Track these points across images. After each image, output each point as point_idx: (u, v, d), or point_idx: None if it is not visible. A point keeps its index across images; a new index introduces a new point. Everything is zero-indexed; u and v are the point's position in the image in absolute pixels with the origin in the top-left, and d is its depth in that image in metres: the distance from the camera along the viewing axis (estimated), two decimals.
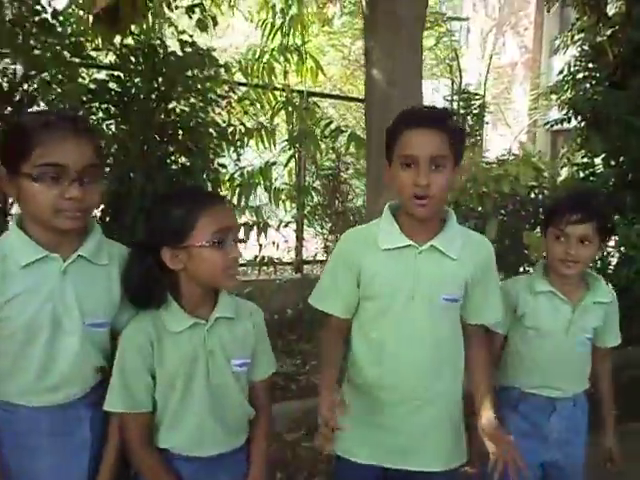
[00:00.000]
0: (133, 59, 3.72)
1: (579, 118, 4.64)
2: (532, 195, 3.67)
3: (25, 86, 3.01)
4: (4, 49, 2.65)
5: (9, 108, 3.28)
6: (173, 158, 3.76)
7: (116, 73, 3.71)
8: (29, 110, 3.07)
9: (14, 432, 1.18)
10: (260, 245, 4.26)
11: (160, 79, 3.66)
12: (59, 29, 2.97)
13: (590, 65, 4.69)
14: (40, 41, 2.71)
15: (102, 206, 3.24)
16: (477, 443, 1.54)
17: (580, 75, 4.79)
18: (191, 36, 3.85)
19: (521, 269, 3.59)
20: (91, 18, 3.86)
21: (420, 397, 1.47)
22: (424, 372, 1.46)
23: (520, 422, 1.78)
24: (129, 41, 3.80)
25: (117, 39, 3.90)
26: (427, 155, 1.35)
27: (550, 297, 1.74)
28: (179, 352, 1.26)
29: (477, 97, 5.65)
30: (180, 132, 3.78)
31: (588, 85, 4.67)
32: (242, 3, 4.82)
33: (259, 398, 1.39)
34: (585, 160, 4.58)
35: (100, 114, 3.68)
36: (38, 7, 2.75)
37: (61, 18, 3.06)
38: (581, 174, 4.55)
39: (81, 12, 4.01)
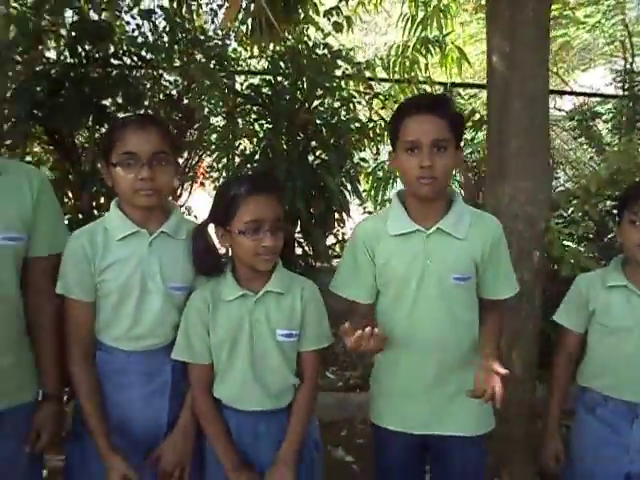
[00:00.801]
0: (282, 64, 4.05)
1: None
2: None
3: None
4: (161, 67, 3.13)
5: (179, 115, 3.85)
6: (314, 154, 4.01)
7: (267, 77, 4.09)
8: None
9: (111, 370, 1.47)
10: None
11: (304, 80, 3.91)
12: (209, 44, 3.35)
13: None
14: (189, 55, 3.11)
15: None
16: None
17: None
18: (332, 35, 4.08)
19: None
20: (247, 30, 4.34)
21: (442, 362, 1.52)
22: (444, 348, 1.51)
23: (599, 428, 1.66)
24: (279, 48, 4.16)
25: (270, 46, 4.32)
26: (429, 139, 1.40)
27: (624, 291, 1.62)
28: (228, 318, 1.44)
29: None
30: (323, 129, 4.03)
31: None
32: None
33: (305, 368, 1.50)
34: None
35: (253, 116, 4.12)
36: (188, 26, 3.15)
37: (210, 33, 3.45)
38: None
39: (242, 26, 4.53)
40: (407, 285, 1.50)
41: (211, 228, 1.51)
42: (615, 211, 1.95)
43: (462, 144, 1.54)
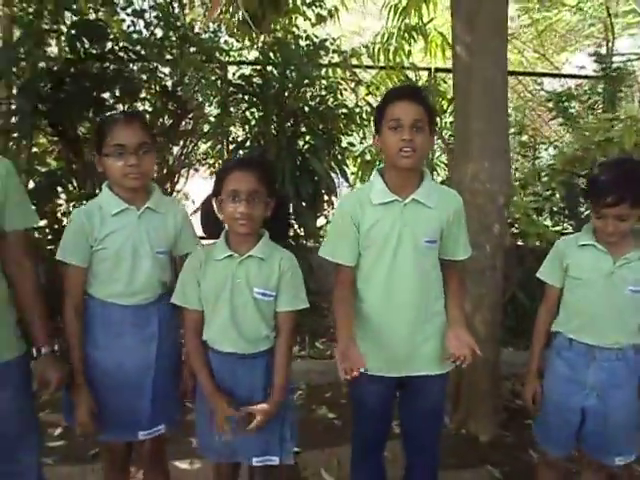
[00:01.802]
0: (271, 54, 4.25)
1: None
2: None
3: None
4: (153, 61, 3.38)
5: (175, 105, 4.09)
6: (303, 139, 4.24)
7: (258, 67, 4.31)
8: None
9: (109, 322, 1.74)
10: None
11: (292, 69, 4.12)
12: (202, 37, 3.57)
13: None
14: (181, 51, 3.35)
15: None
16: None
17: None
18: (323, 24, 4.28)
19: None
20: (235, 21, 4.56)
21: (415, 316, 1.77)
22: (416, 298, 1.77)
23: (562, 367, 1.91)
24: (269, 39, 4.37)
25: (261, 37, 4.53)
26: (410, 119, 1.66)
27: (592, 249, 1.85)
28: (215, 274, 1.72)
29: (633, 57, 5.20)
30: (311, 116, 4.25)
31: None
32: None
33: (280, 325, 1.76)
34: None
35: (244, 104, 4.35)
36: (178, 23, 3.38)
37: (201, 27, 3.68)
38: None
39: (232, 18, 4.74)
40: (387, 246, 1.75)
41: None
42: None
43: (436, 130, 1.84)
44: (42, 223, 3.51)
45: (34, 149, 3.86)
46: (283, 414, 1.78)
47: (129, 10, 3.28)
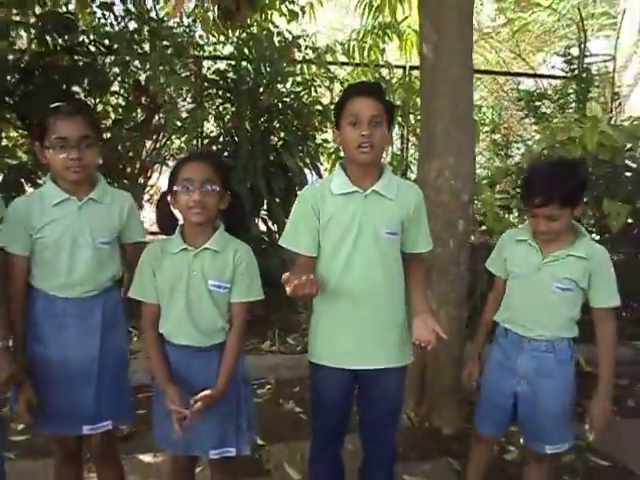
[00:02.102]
0: (246, 50, 4.25)
1: None
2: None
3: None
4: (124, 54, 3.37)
5: (147, 99, 4.07)
6: (277, 135, 4.25)
7: (232, 62, 4.30)
8: None
9: (52, 314, 1.74)
10: None
11: (266, 64, 4.13)
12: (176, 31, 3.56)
13: None
14: (152, 44, 3.34)
15: None
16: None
17: None
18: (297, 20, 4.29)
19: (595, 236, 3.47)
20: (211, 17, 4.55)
21: (373, 306, 1.78)
22: (378, 287, 1.78)
23: (498, 353, 1.99)
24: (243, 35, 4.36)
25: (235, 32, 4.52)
26: (368, 114, 1.68)
27: (525, 245, 1.92)
28: (171, 266, 1.73)
29: (606, 57, 5.31)
30: (288, 112, 4.26)
31: None
32: None
33: (234, 316, 1.77)
34: None
35: (218, 100, 4.35)
36: (152, 16, 3.37)
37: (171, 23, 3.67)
38: None
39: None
40: (347, 236, 1.76)
41: None
42: None
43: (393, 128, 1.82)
44: None
45: (4, 142, 3.83)
46: (238, 405, 1.80)
47: (97, 2, 3.24)
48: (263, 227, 4.28)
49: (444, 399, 2.85)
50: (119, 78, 3.85)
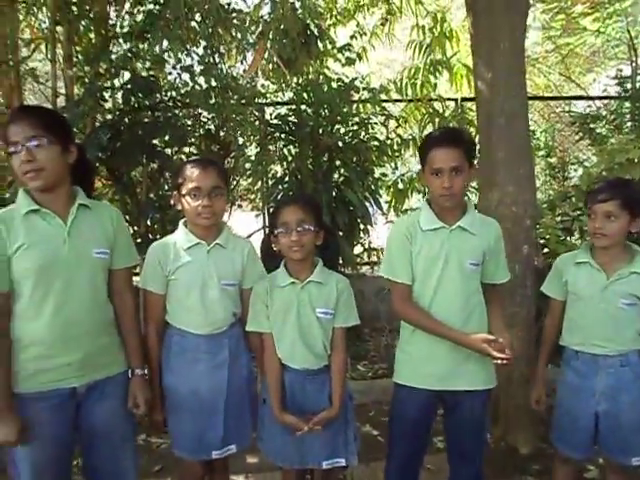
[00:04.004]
0: (305, 95, 4.55)
1: None
2: None
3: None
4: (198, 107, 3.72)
5: (218, 146, 4.43)
6: (338, 172, 4.49)
7: (293, 107, 4.61)
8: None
9: (184, 348, 1.93)
10: None
11: (325, 107, 4.41)
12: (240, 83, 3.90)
13: None
14: (223, 98, 3.68)
15: None
16: None
17: None
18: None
19: None
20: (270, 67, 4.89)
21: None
22: (459, 316, 1.91)
23: (573, 377, 2.06)
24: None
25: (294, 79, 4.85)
26: (448, 167, 1.84)
27: (587, 266, 2.03)
28: (281, 299, 1.93)
29: None
30: (347, 150, 4.50)
31: None
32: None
33: (335, 339, 1.96)
34: None
35: (281, 142, 4.65)
36: (221, 72, 3.72)
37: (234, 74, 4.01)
38: None
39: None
40: (434, 268, 1.92)
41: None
42: None
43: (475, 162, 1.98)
44: None
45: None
46: (345, 417, 1.98)
47: (179, 67, 3.61)
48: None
49: (519, 419, 2.92)
50: (191, 129, 4.22)
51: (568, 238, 3.53)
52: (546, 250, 3.52)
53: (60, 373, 1.70)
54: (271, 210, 2.07)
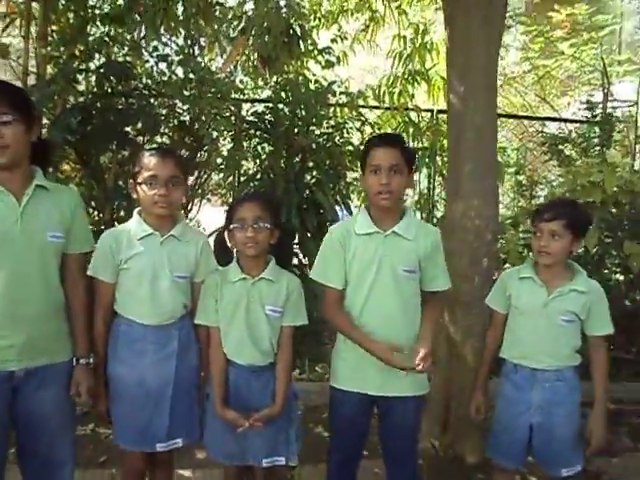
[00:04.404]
0: (283, 94, 4.55)
1: None
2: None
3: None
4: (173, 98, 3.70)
5: (191, 138, 4.39)
6: (310, 174, 4.50)
7: (270, 105, 4.60)
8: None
9: (132, 339, 1.91)
10: None
11: (302, 108, 4.41)
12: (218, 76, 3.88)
13: None
14: (199, 90, 3.66)
15: None
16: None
17: None
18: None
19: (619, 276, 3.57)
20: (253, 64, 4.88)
21: (390, 338, 1.90)
22: (394, 323, 1.94)
23: (510, 389, 2.12)
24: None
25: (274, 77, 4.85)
26: (387, 164, 1.88)
27: (530, 282, 2.08)
28: (231, 293, 1.93)
29: (628, 103, 5.49)
30: (321, 152, 4.51)
31: None
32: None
33: (284, 338, 1.97)
34: None
35: (256, 139, 4.64)
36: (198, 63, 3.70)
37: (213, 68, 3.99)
38: None
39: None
40: (368, 272, 1.93)
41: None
42: None
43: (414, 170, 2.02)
44: None
45: (58, 174, 4.15)
46: (289, 416, 1.99)
47: (155, 55, 3.57)
48: (295, 260, 4.49)
49: (468, 429, 2.96)
50: (164, 120, 4.18)
51: (529, 254, 3.61)
52: (507, 265, 3.60)
53: (1, 355, 1.67)
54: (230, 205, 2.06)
